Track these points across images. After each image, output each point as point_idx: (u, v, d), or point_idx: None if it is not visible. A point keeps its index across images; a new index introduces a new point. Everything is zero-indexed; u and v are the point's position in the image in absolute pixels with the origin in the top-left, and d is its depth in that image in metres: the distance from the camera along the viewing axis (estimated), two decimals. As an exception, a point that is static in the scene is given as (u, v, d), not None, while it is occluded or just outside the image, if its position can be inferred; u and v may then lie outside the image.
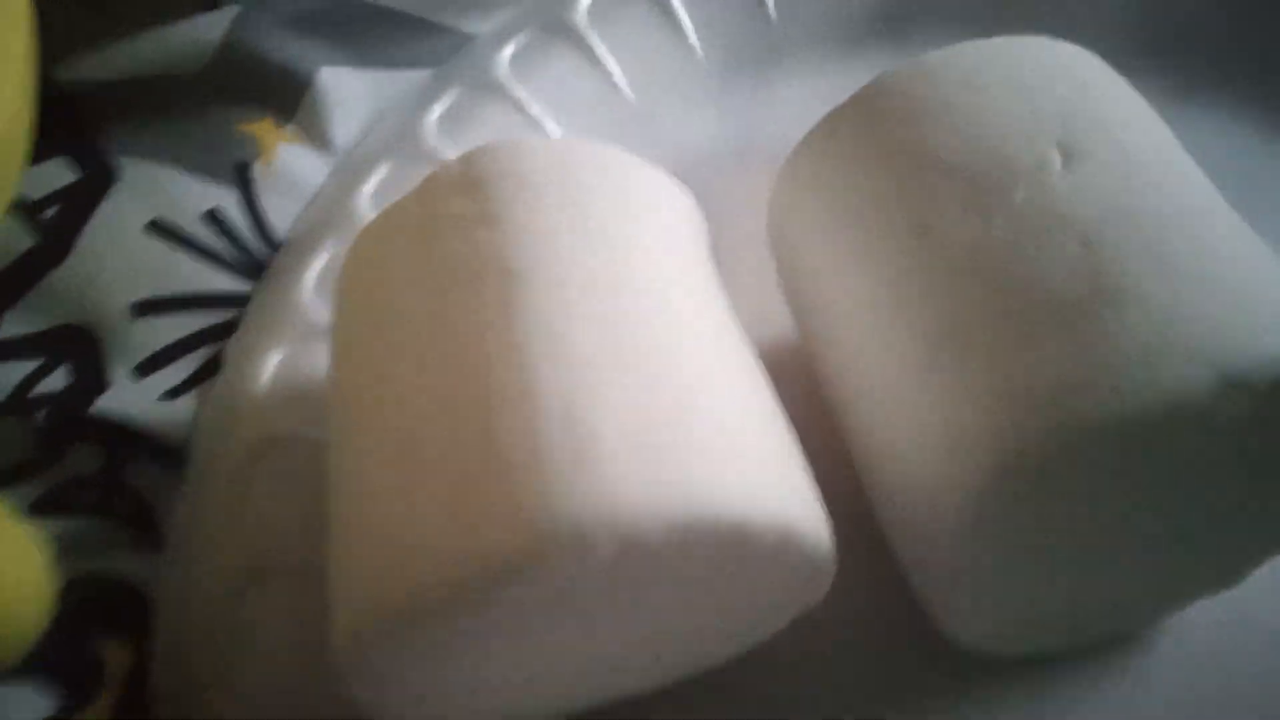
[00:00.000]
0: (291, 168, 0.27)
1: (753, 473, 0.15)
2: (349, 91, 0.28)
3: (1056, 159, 0.17)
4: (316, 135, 0.27)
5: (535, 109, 0.28)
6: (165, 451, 0.23)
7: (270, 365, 0.23)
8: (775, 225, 0.22)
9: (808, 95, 0.27)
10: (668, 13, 0.29)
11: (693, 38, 0.29)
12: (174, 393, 0.24)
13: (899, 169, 0.18)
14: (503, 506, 0.14)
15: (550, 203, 0.17)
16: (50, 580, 0.18)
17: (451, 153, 0.26)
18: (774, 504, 0.15)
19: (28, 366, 0.24)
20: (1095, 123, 0.18)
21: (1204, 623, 0.20)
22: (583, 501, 0.14)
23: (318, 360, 0.23)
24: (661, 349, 0.16)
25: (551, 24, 0.29)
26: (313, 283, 0.24)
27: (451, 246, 0.17)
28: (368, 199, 0.25)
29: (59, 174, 0.26)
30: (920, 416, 0.17)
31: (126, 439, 0.23)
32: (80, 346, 0.24)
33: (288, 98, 0.27)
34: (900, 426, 0.17)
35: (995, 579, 0.17)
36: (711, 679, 0.19)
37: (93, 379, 0.24)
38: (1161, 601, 0.20)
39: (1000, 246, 0.16)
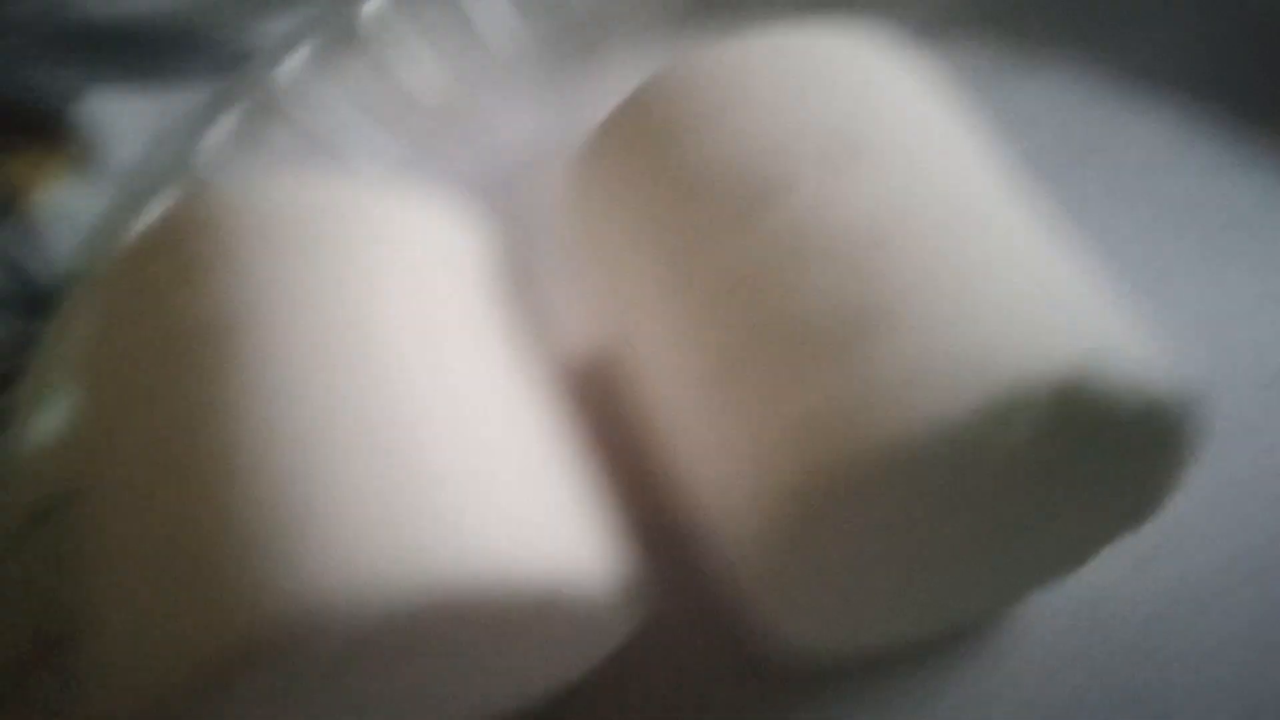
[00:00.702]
0: (64, 203, 0.25)
1: (510, 527, 0.14)
2: (120, 114, 0.26)
3: (821, 170, 0.16)
4: (87, 164, 0.25)
5: (327, 126, 0.26)
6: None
7: (52, 418, 0.21)
8: (564, 243, 0.20)
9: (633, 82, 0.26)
10: (459, 12, 0.28)
11: (491, 36, 0.28)
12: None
13: (670, 182, 0.17)
14: (218, 598, 0.12)
15: (257, 255, 0.16)
16: None
17: (232, 179, 0.24)
18: (537, 554, 0.14)
19: None
20: (874, 125, 0.16)
21: (1045, 613, 0.20)
22: (301, 591, 0.12)
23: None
24: (398, 403, 0.14)
25: (339, 32, 0.27)
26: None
27: (160, 310, 0.15)
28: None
29: None
30: (706, 441, 0.16)
31: None
32: None
33: (47, 130, 0.25)
34: (692, 451, 0.16)
35: (807, 589, 0.16)
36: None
37: None
38: (995, 597, 0.19)
39: (760, 269, 0.15)
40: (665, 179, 0.17)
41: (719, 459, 0.15)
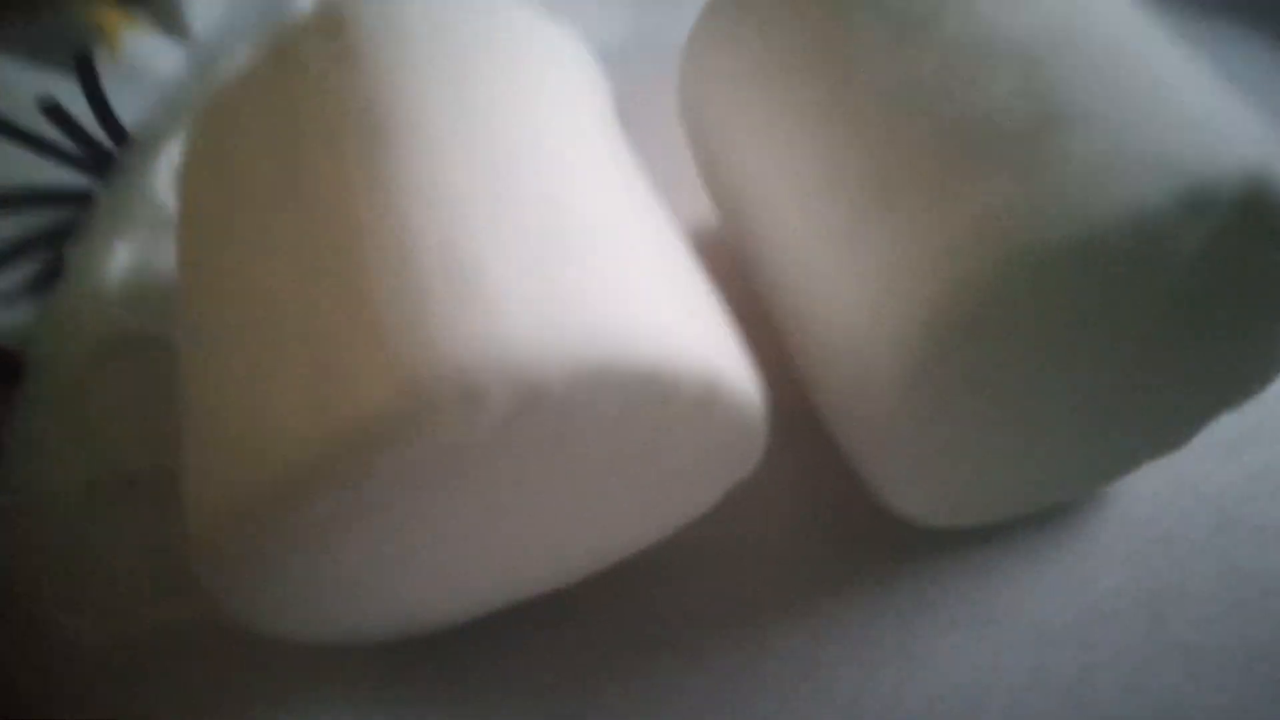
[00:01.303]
0: (143, 58, 0.24)
1: (671, 318, 0.14)
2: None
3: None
4: (171, 22, 0.25)
5: None
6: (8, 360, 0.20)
7: (118, 262, 0.21)
8: (687, 105, 0.20)
9: None
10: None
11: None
12: (9, 298, 0.21)
13: (816, 18, 0.17)
14: (373, 361, 0.12)
15: (420, 43, 0.15)
16: None
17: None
18: (697, 351, 0.13)
19: None
20: None
21: (1140, 495, 0.20)
22: (470, 346, 0.12)
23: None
24: (555, 189, 0.14)
25: None
26: (166, 175, 0.22)
27: (304, 96, 0.15)
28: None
29: None
30: (855, 266, 0.15)
31: None
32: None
33: None
34: (833, 282, 0.16)
35: (933, 435, 0.16)
36: (638, 565, 0.18)
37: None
38: (1105, 466, 0.19)
39: (934, 79, 0.15)
40: (820, 9, 0.17)
41: (866, 271, 0.15)
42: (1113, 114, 0.14)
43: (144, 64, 0.24)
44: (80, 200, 0.22)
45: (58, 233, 0.22)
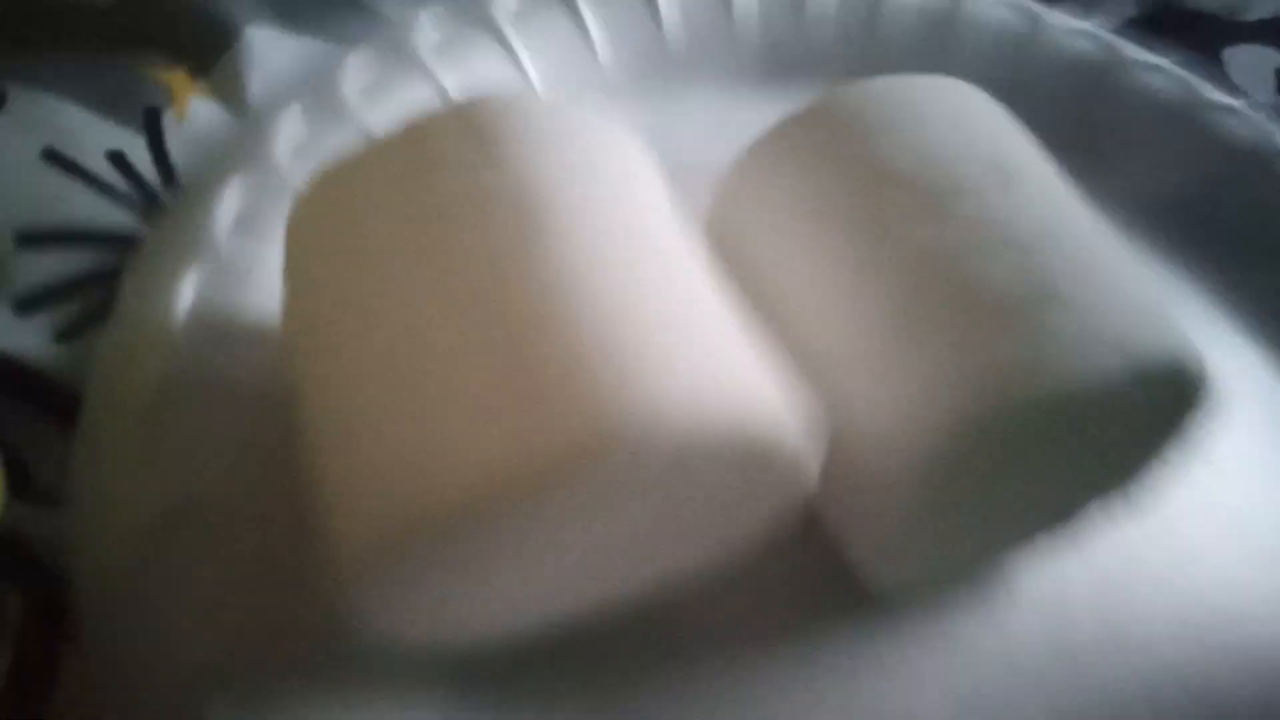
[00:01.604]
0: (202, 123, 0.26)
1: (772, 392, 0.17)
2: (273, 54, 0.27)
3: (995, 180, 0.20)
4: (232, 95, 0.26)
5: (452, 92, 0.28)
6: (53, 397, 0.21)
7: (184, 300, 0.21)
8: (721, 222, 0.23)
9: (704, 121, 0.30)
10: (578, 17, 0.31)
11: (601, 50, 0.31)
12: (67, 335, 0.22)
13: (855, 177, 0.21)
14: (547, 416, 0.14)
15: (551, 154, 0.18)
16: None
17: (371, 118, 0.26)
18: (791, 420, 0.17)
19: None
20: (1015, 153, 0.21)
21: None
22: (640, 402, 0.14)
23: (235, 298, 0.22)
24: (677, 286, 0.17)
25: (473, 16, 0.29)
26: (229, 221, 0.23)
27: (454, 186, 0.17)
28: (286, 146, 0.25)
29: None
30: (877, 390, 0.19)
31: (8, 379, 0.21)
32: (-50, 275, 0.21)
33: (208, 51, 0.26)
34: (855, 399, 0.19)
35: (934, 528, 0.20)
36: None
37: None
38: (1026, 540, 0.23)
39: (953, 249, 0.19)
40: (858, 169, 0.21)
41: (888, 395, 0.19)
42: (1085, 297, 0.19)
43: (204, 130, 0.25)
44: (129, 243, 0.23)
45: (107, 273, 0.23)
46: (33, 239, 0.22)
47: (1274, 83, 0.38)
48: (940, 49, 0.34)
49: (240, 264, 0.22)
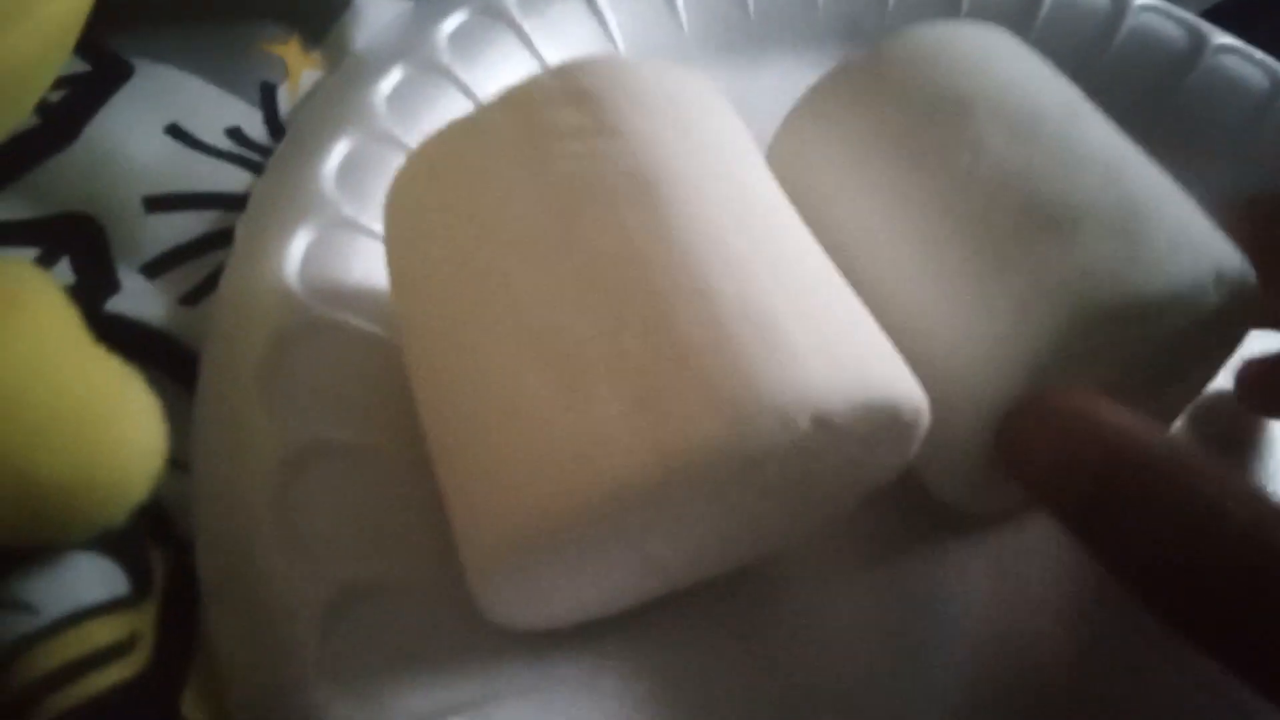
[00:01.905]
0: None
1: (893, 360, 0.17)
2: (380, 20, 0.28)
3: (1065, 109, 0.21)
4: (340, 62, 0.27)
5: (538, 43, 0.29)
6: (180, 359, 0.22)
7: (296, 253, 0.22)
8: (784, 158, 0.24)
9: (782, 88, 0.30)
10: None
11: (682, 11, 0.32)
12: (189, 298, 0.23)
13: (930, 108, 0.22)
14: (697, 397, 0.15)
15: (660, 116, 0.18)
16: (163, 440, 0.17)
17: (463, 69, 0.27)
18: (915, 387, 0.17)
19: (24, 255, 0.22)
20: (1068, 88, 0.23)
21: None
22: (779, 382, 0.15)
23: (344, 249, 0.23)
24: (794, 249, 0.18)
25: None
26: (333, 174, 0.24)
27: (570, 155, 0.17)
28: (382, 99, 0.26)
29: (65, 64, 0.24)
30: (973, 303, 0.20)
31: (143, 345, 0.22)
32: (83, 238, 0.23)
33: (321, 19, 0.27)
34: (954, 318, 0.20)
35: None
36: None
37: (101, 276, 0.23)
38: None
39: (1046, 168, 0.20)
40: (941, 98, 0.22)
41: (998, 305, 0.19)
42: (1166, 210, 0.20)
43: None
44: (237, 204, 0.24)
45: (229, 234, 0.24)
46: (159, 202, 0.24)
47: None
48: (1024, 24, 0.34)
49: (346, 217, 0.23)
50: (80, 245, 0.23)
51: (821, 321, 0.16)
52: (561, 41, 0.29)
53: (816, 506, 0.20)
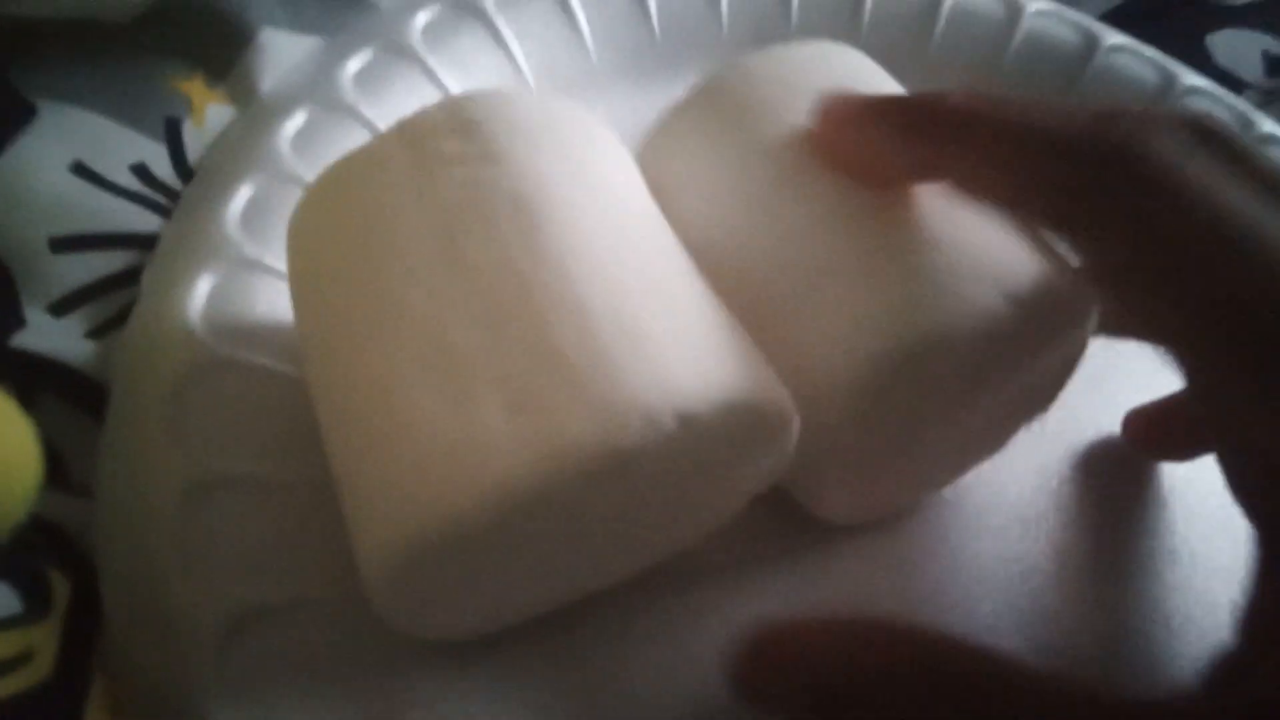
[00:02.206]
0: (217, 127, 0.28)
1: (759, 365, 0.18)
2: (283, 54, 0.29)
3: None
4: (247, 98, 0.28)
5: (444, 78, 0.30)
6: (86, 390, 0.23)
7: (200, 293, 0.23)
8: (653, 164, 0.24)
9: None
10: (568, 11, 0.32)
11: (588, 39, 0.33)
12: (98, 333, 0.24)
13: (758, 142, 0.22)
14: (573, 400, 0.16)
15: (539, 143, 0.20)
16: (39, 456, 0.18)
17: (368, 107, 0.28)
18: (780, 390, 0.18)
19: (-74, 296, 0.23)
20: None
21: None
22: (645, 383, 0.16)
23: (248, 289, 0.24)
24: (665, 265, 0.19)
25: (461, 3, 0.31)
26: (237, 216, 0.25)
27: (455, 181, 0.19)
28: (287, 141, 0.26)
29: None
30: (806, 328, 0.20)
31: (45, 376, 0.23)
32: (-9, 278, 0.24)
33: (224, 55, 0.28)
34: (787, 336, 0.20)
35: (865, 456, 0.21)
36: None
37: (6, 313, 0.23)
38: (955, 469, 0.26)
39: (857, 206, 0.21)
40: (753, 141, 0.22)
41: (810, 347, 0.20)
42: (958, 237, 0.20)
43: (214, 128, 0.27)
44: (154, 243, 0.25)
45: (135, 273, 0.25)
46: (65, 243, 0.24)
47: (1262, 65, 0.39)
48: (924, 35, 0.35)
49: (251, 256, 0.24)
50: (-15, 285, 0.23)
51: (688, 330, 0.17)
52: (468, 75, 0.30)
53: (702, 508, 0.21)
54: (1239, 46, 0.39)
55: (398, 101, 0.28)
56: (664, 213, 0.22)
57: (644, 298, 0.17)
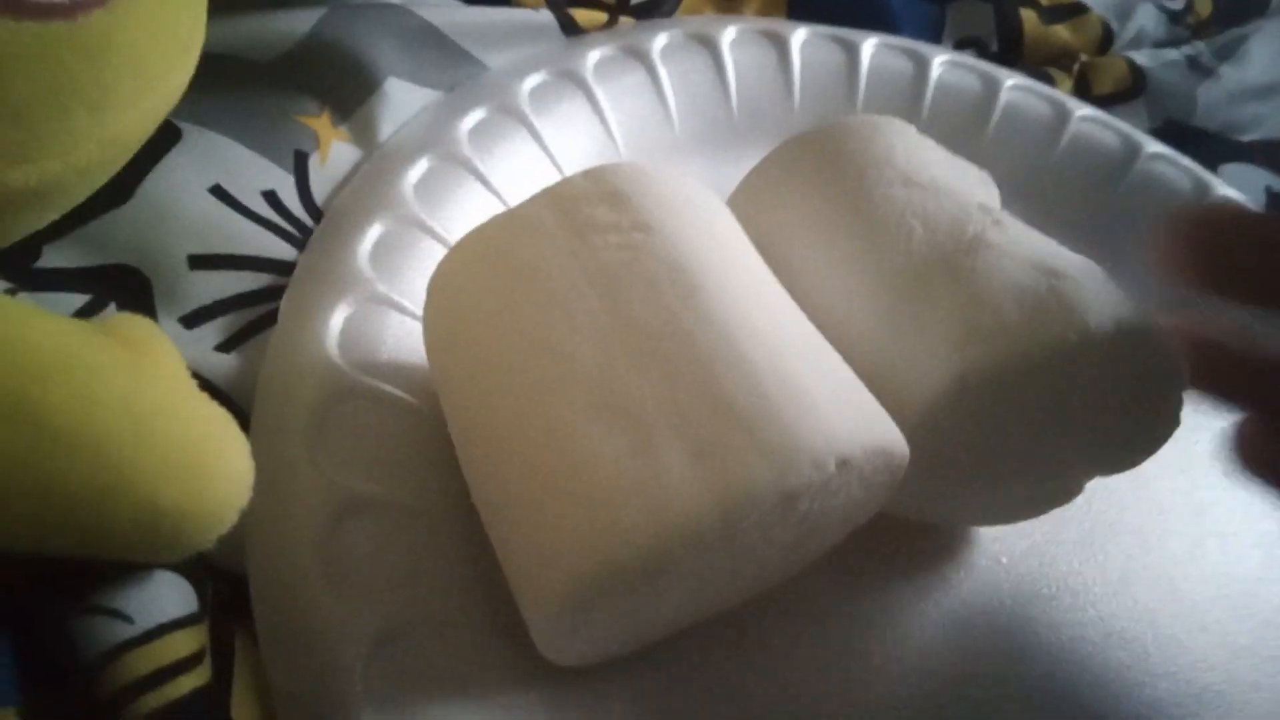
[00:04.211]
0: (341, 165, 0.30)
1: (880, 409, 0.21)
2: (404, 104, 0.32)
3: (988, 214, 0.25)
4: (367, 139, 0.31)
5: (546, 138, 0.33)
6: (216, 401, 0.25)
7: (335, 324, 0.26)
8: (739, 217, 0.27)
9: None
10: (657, 85, 0.35)
11: (674, 111, 0.36)
12: (225, 346, 0.26)
13: (883, 179, 0.25)
14: (746, 442, 0.18)
15: (682, 214, 0.22)
16: (251, 474, 0.20)
17: (481, 161, 0.31)
18: (898, 431, 0.21)
19: (75, 300, 0.25)
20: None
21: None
22: (811, 432, 0.19)
23: (378, 322, 0.26)
24: (794, 322, 0.22)
25: (564, 70, 0.34)
26: (369, 252, 0.27)
27: (611, 246, 0.21)
28: (410, 186, 0.29)
29: None
30: (886, 350, 0.23)
31: None
32: (130, 289, 0.26)
33: (352, 98, 0.31)
34: (867, 359, 0.23)
35: (936, 461, 0.23)
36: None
37: (143, 321, 0.25)
38: (1023, 508, 0.28)
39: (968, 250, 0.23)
40: (885, 177, 0.25)
41: (891, 368, 0.22)
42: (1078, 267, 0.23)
43: (342, 170, 0.30)
44: (282, 268, 0.27)
45: (266, 295, 0.27)
46: (203, 260, 0.26)
47: (1264, 199, 0.43)
48: (978, 129, 0.38)
49: (382, 293, 0.27)
50: (126, 295, 0.26)
51: (829, 381, 0.20)
52: (568, 138, 0.33)
53: (821, 538, 0.23)
54: (1245, 179, 0.43)
55: (506, 157, 0.32)
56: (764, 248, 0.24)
57: (792, 352, 0.20)
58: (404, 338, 0.26)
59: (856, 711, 0.25)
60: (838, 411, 0.19)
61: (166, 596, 0.20)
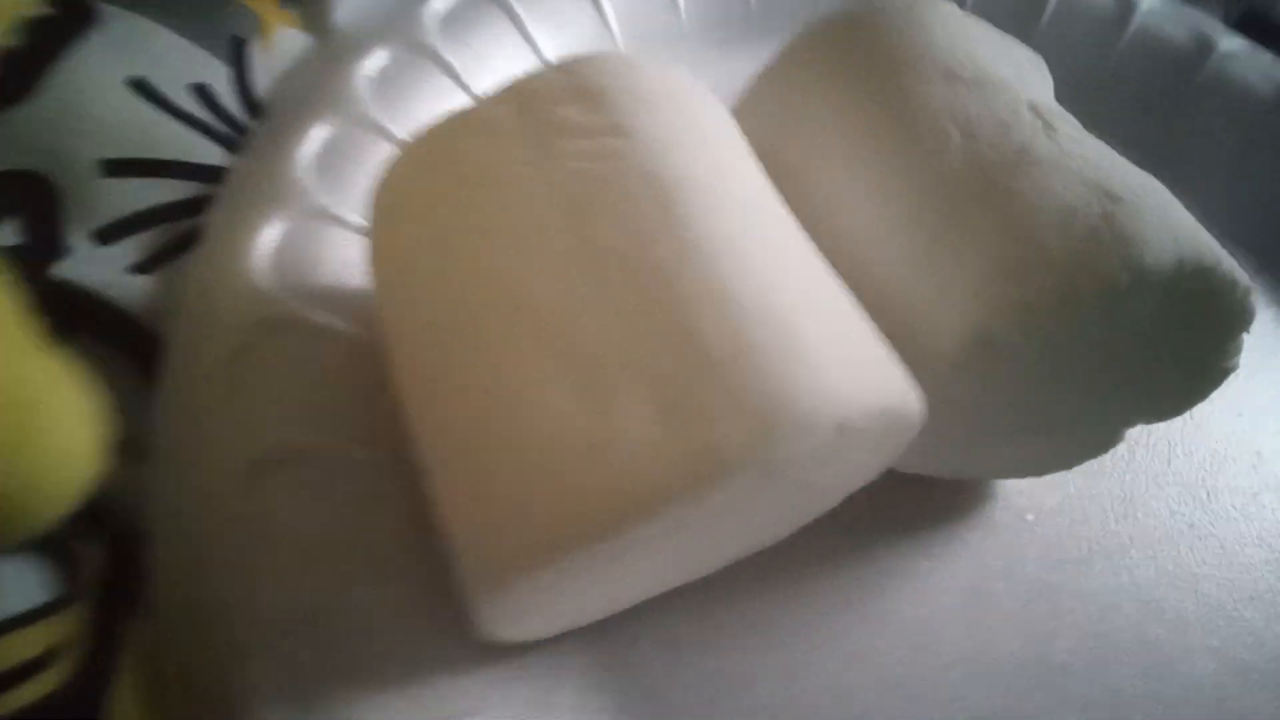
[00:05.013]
0: (288, 53, 0.27)
1: (894, 363, 0.18)
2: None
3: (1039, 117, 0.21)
4: (319, 24, 0.27)
5: (532, 29, 0.29)
6: (129, 332, 0.22)
7: (267, 244, 0.22)
8: (751, 120, 0.24)
9: None
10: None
11: (682, 5, 0.32)
12: (143, 266, 0.23)
13: (919, 74, 0.22)
14: (723, 401, 0.15)
15: (668, 117, 0.19)
16: (96, 446, 0.17)
17: (452, 53, 0.27)
18: (913, 389, 0.18)
19: (-30, 212, 0.22)
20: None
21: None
22: (805, 393, 0.15)
23: (319, 241, 0.23)
24: (797, 250, 0.18)
25: None
26: (312, 160, 0.24)
27: (580, 154, 0.18)
28: (366, 80, 0.26)
29: (27, 5, 0.23)
30: (907, 289, 0.20)
31: (87, 312, 0.22)
32: (35, 199, 0.22)
33: None
34: (884, 299, 0.20)
35: (970, 404, 0.21)
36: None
37: (48, 239, 0.22)
38: (1057, 458, 0.25)
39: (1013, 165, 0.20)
40: (922, 67, 0.22)
41: (919, 299, 0.20)
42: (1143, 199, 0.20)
43: (289, 60, 0.26)
44: (219, 178, 0.24)
45: (191, 206, 0.24)
46: (118, 167, 0.23)
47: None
48: (1029, 21, 0.34)
49: (324, 206, 0.23)
50: (31, 206, 0.22)
51: (833, 326, 0.17)
52: (557, 29, 0.30)
53: (814, 501, 0.20)
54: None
55: (483, 49, 0.28)
56: (776, 154, 0.21)
57: (788, 290, 0.17)
58: (350, 259, 0.23)
59: (856, 694, 0.22)
60: (839, 365, 0.16)
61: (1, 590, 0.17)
